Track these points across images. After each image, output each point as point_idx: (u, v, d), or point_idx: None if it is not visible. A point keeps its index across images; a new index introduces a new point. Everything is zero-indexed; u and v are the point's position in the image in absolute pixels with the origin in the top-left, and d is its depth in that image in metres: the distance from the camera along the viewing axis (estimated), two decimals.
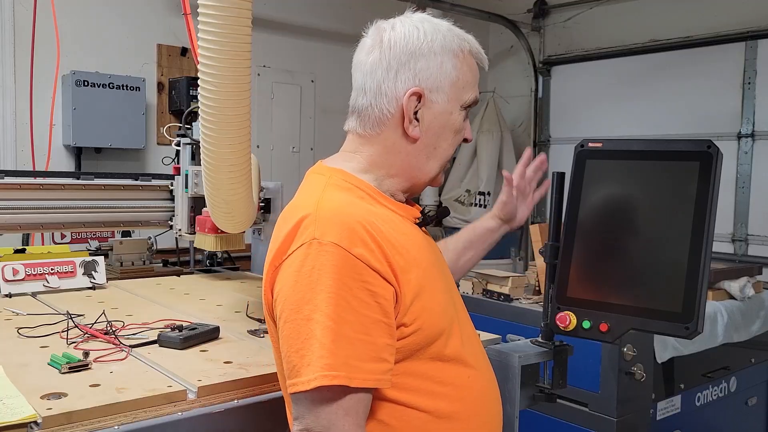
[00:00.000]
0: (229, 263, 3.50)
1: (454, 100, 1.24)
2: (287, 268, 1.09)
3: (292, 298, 1.07)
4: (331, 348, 1.02)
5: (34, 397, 1.20)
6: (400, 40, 1.21)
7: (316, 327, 1.03)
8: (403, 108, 1.20)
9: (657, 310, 1.39)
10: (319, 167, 1.28)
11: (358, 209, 1.14)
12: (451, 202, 5.43)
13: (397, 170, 1.25)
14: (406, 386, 1.13)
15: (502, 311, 2.72)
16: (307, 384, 1.03)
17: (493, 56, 6.28)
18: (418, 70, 1.20)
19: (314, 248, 1.06)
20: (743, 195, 4.67)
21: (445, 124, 1.25)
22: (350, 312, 1.04)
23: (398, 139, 1.23)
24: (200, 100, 1.64)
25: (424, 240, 1.27)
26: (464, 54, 1.25)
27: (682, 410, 2.75)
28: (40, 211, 2.47)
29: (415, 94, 1.20)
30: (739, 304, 2.93)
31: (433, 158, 1.26)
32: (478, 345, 1.31)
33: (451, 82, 1.23)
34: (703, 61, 4.82)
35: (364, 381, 1.04)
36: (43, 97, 3.77)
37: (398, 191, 1.27)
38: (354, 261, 1.06)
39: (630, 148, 1.53)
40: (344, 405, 1.04)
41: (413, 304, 1.12)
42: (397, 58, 1.21)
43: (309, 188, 1.22)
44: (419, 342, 1.13)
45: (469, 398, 1.20)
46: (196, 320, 1.75)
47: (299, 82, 5.06)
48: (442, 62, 1.21)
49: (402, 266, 1.11)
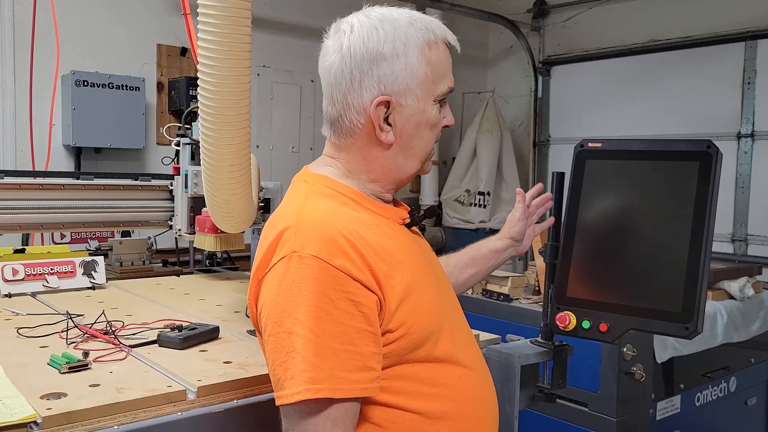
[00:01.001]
0: (228, 263, 3.50)
1: (425, 97, 1.19)
2: (269, 281, 1.10)
3: (274, 311, 1.07)
4: (313, 361, 1.02)
5: (34, 397, 1.20)
6: (360, 45, 1.15)
7: (297, 340, 1.03)
8: (372, 118, 1.17)
9: (657, 310, 1.40)
10: (303, 173, 1.27)
11: (340, 217, 1.14)
12: (451, 202, 5.43)
13: (377, 175, 1.24)
14: (396, 389, 1.12)
15: (502, 311, 2.72)
16: (291, 397, 1.03)
17: (493, 56, 6.28)
18: (381, 75, 1.16)
19: (294, 261, 1.06)
20: (743, 195, 4.67)
21: (419, 122, 1.20)
22: (332, 323, 1.04)
23: (373, 147, 1.21)
24: (200, 100, 1.64)
25: (411, 241, 1.26)
26: (431, 46, 1.18)
27: (681, 410, 2.75)
28: (40, 211, 2.46)
29: (382, 102, 1.16)
30: (739, 304, 2.93)
31: (412, 157, 1.23)
32: (472, 344, 1.30)
33: (419, 81, 1.18)
34: (703, 61, 4.83)
35: (350, 391, 1.04)
36: (43, 97, 3.77)
37: (383, 192, 1.26)
38: (335, 272, 1.05)
39: (630, 148, 1.53)
40: (331, 416, 1.04)
41: (399, 309, 1.11)
42: (358, 66, 1.15)
43: (292, 197, 1.21)
44: (406, 346, 1.12)
45: (462, 398, 1.19)
46: (196, 320, 1.75)
47: (299, 82, 5.06)
48: (407, 63, 1.16)
49: (385, 272, 1.11)
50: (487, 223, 5.23)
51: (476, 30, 6.02)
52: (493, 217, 5.29)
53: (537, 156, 5.91)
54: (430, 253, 1.34)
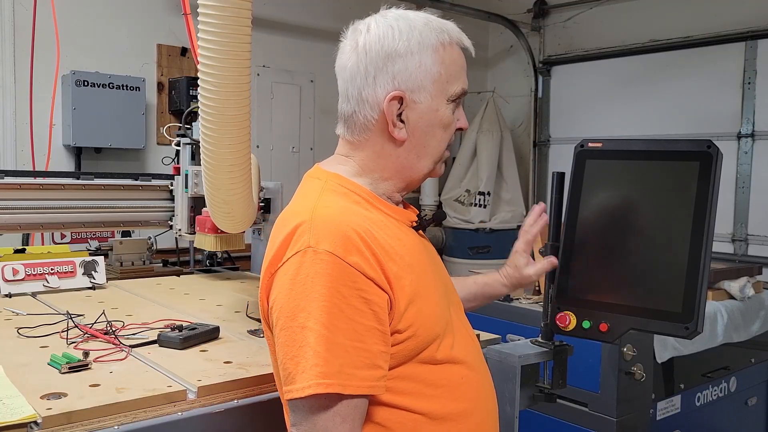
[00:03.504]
0: (228, 263, 3.50)
1: (438, 96, 1.21)
2: (282, 275, 1.10)
3: (287, 305, 1.07)
4: (325, 356, 1.03)
5: (34, 397, 1.20)
6: (375, 43, 1.18)
7: (310, 335, 1.04)
8: (385, 113, 1.19)
9: (657, 310, 1.39)
10: (316, 171, 1.27)
11: (354, 216, 1.14)
12: (451, 202, 5.42)
13: (390, 173, 1.24)
14: (399, 389, 1.13)
15: (502, 311, 2.72)
16: (301, 391, 1.03)
17: (493, 56, 6.28)
18: (396, 72, 1.18)
19: (309, 256, 1.07)
20: (743, 195, 4.67)
21: (431, 121, 1.22)
22: (344, 320, 1.04)
23: (386, 143, 1.22)
24: (200, 100, 1.64)
25: (419, 244, 1.26)
26: (445, 46, 1.21)
27: (682, 410, 2.75)
28: (40, 211, 2.47)
29: (396, 98, 1.18)
30: (739, 304, 2.93)
31: (425, 156, 1.24)
32: (474, 345, 1.30)
33: (432, 79, 1.19)
34: (703, 61, 4.83)
35: (358, 388, 1.05)
36: (43, 97, 3.77)
37: (394, 192, 1.27)
38: (349, 269, 1.06)
39: (630, 148, 1.53)
40: (340, 412, 1.04)
41: (407, 310, 1.12)
42: (373, 63, 1.18)
43: (305, 193, 1.22)
44: (414, 347, 1.13)
45: (464, 399, 1.20)
46: (196, 320, 1.75)
47: (299, 82, 5.06)
48: (420, 61, 1.18)
49: (396, 273, 1.11)
50: (487, 223, 5.22)
51: (476, 30, 6.01)
52: (493, 217, 5.29)
53: (537, 156, 5.91)
54: (435, 256, 1.35)
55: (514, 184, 5.43)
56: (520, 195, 5.47)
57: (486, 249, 5.19)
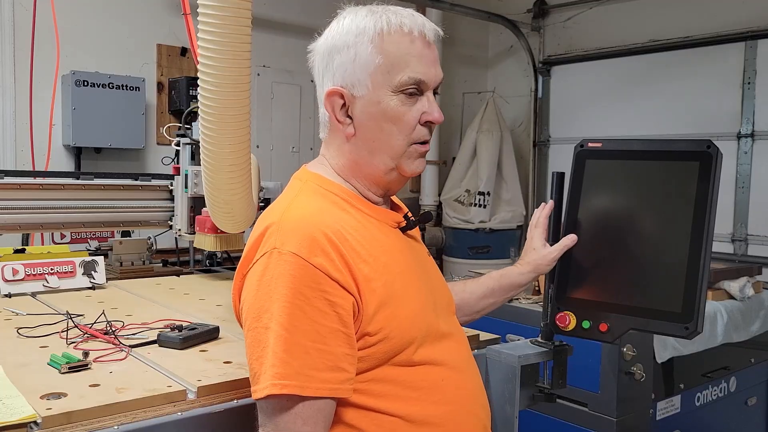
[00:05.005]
0: (228, 263, 3.50)
1: (380, 88, 1.16)
2: (251, 276, 1.11)
3: (253, 306, 1.08)
4: (282, 357, 1.03)
5: (34, 397, 1.20)
6: (324, 42, 1.21)
7: (271, 336, 1.04)
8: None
9: (657, 310, 1.39)
10: (301, 172, 1.28)
11: (326, 216, 1.14)
12: (451, 202, 5.42)
13: (350, 171, 1.24)
14: (375, 392, 1.12)
15: (502, 311, 2.70)
16: (260, 392, 1.04)
17: (493, 56, 6.28)
18: (335, 68, 1.19)
19: (274, 258, 1.07)
20: (743, 195, 4.67)
21: (374, 114, 1.18)
22: (305, 321, 1.04)
23: (341, 141, 1.23)
24: (200, 100, 1.64)
25: (403, 245, 1.25)
26: (383, 35, 1.16)
27: (681, 410, 2.75)
28: (40, 211, 2.46)
29: (334, 93, 1.19)
30: (739, 304, 2.93)
31: (377, 152, 1.20)
32: (460, 347, 1.28)
33: (368, 71, 1.16)
34: (703, 61, 4.83)
35: (318, 390, 1.04)
36: (43, 97, 3.77)
37: (370, 192, 1.25)
38: (313, 270, 1.06)
39: (630, 148, 1.53)
40: (301, 414, 1.04)
41: (378, 312, 1.11)
42: (323, 61, 1.21)
43: (284, 194, 1.23)
44: (387, 350, 1.12)
45: (445, 401, 1.18)
46: (196, 320, 1.75)
47: (299, 82, 5.06)
48: (355, 53, 1.16)
49: (366, 275, 1.10)
50: (487, 223, 5.22)
51: (476, 30, 6.01)
52: (493, 217, 5.29)
53: (537, 156, 5.91)
54: (424, 257, 1.33)
55: (514, 184, 5.43)
56: (520, 195, 5.47)
57: (486, 249, 5.19)
